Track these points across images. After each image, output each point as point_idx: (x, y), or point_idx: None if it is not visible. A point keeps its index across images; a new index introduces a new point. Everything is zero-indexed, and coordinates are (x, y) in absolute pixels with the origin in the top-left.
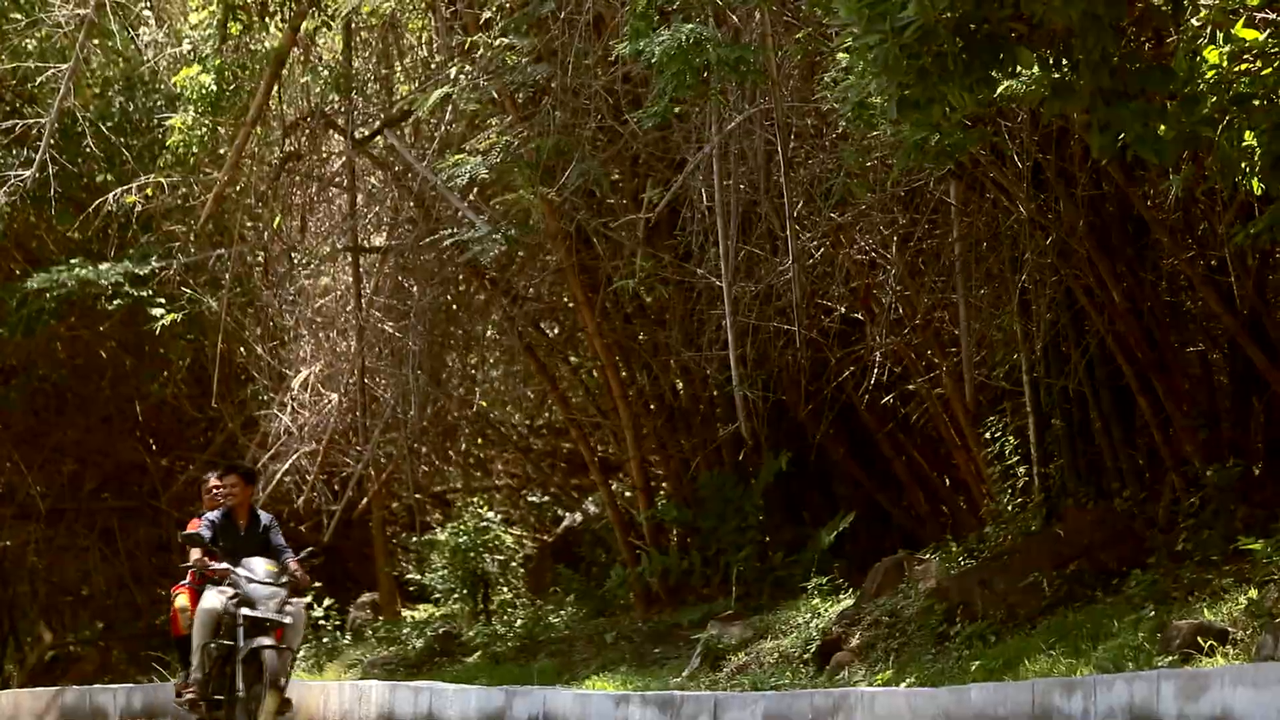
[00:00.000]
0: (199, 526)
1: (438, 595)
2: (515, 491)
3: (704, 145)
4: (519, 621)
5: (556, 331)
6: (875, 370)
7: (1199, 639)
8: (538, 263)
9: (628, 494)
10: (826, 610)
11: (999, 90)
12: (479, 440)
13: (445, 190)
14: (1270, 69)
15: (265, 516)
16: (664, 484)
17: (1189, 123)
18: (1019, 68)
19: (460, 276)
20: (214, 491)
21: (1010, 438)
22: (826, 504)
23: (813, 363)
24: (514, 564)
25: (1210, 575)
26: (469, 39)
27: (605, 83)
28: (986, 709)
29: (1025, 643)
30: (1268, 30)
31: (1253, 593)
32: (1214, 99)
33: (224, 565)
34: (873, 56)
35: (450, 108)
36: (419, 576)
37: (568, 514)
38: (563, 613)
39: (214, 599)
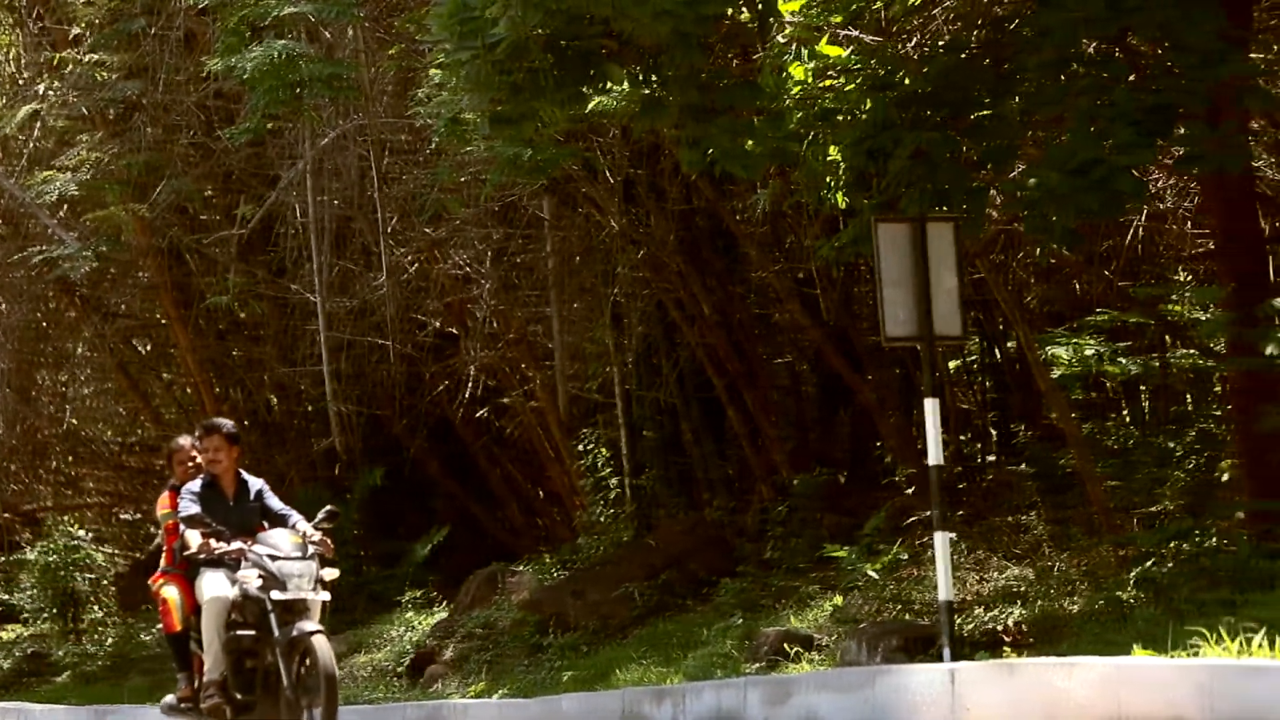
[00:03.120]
0: (180, 502)
1: (26, 615)
2: (107, 509)
3: (298, 161)
4: (110, 640)
5: (149, 348)
6: (470, 384)
7: (786, 645)
8: (130, 280)
9: None
10: (421, 623)
11: (590, 106)
12: (70, 458)
13: (34, 207)
14: (853, 85)
15: (254, 481)
16: None
17: (776, 138)
18: (610, 84)
19: (50, 294)
20: (192, 462)
21: (603, 450)
22: (422, 517)
23: (408, 377)
24: (105, 582)
25: (797, 583)
26: (58, 55)
27: (198, 99)
28: (578, 718)
29: (617, 652)
30: (851, 47)
31: (838, 599)
32: (800, 115)
33: (237, 545)
34: (465, 73)
35: (39, 124)
36: (6, 596)
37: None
38: (155, 630)
39: (221, 584)
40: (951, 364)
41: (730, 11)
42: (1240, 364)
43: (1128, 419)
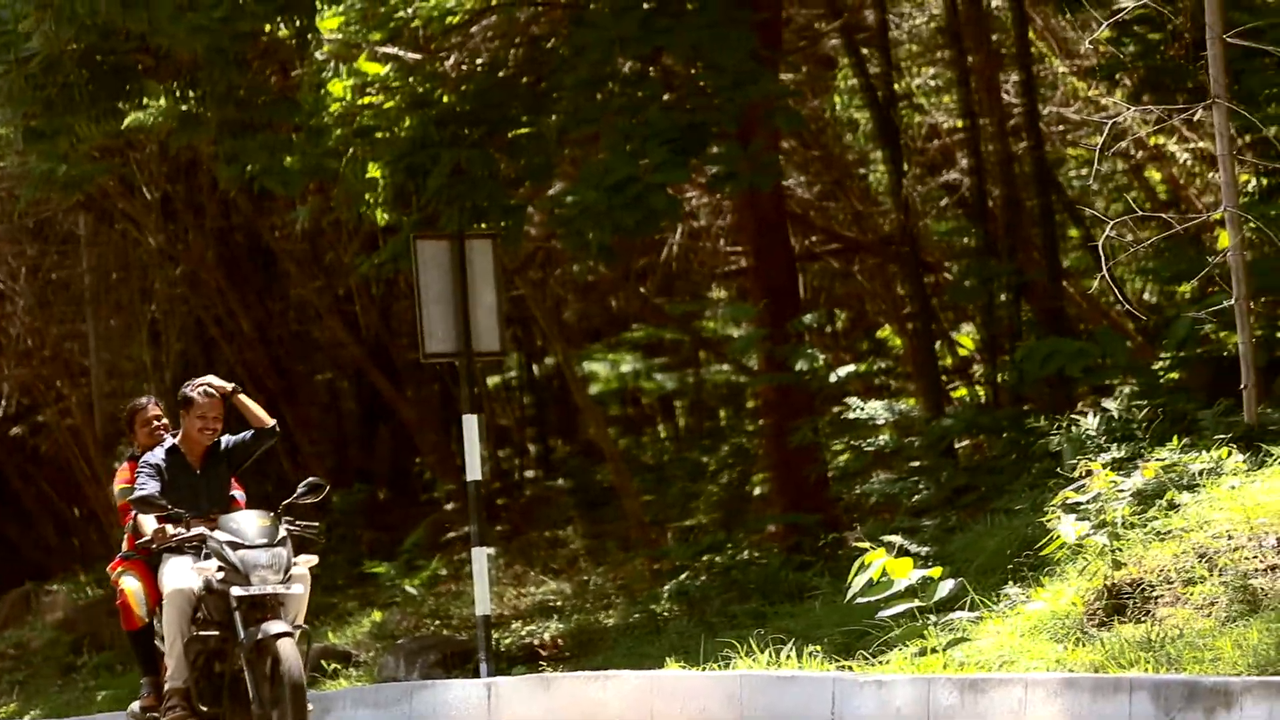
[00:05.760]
0: (138, 475)
1: None
2: None
3: None
4: None
5: None
6: (3, 401)
7: (324, 662)
8: None
9: None
10: None
11: (127, 122)
12: None
13: None
14: (393, 102)
15: (229, 441)
16: None
17: (315, 154)
18: (147, 99)
19: None
20: (158, 422)
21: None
22: None
23: None
24: None
25: (336, 599)
26: None
27: None
28: None
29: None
30: (390, 64)
31: (377, 615)
32: (339, 131)
33: (198, 530)
34: None
35: None
36: None
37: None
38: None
39: (184, 574)
40: (491, 380)
41: (269, 28)
42: (772, 380)
43: (664, 434)
